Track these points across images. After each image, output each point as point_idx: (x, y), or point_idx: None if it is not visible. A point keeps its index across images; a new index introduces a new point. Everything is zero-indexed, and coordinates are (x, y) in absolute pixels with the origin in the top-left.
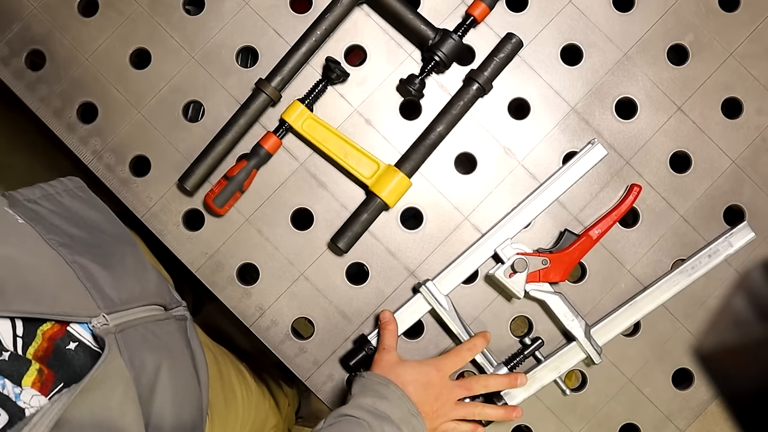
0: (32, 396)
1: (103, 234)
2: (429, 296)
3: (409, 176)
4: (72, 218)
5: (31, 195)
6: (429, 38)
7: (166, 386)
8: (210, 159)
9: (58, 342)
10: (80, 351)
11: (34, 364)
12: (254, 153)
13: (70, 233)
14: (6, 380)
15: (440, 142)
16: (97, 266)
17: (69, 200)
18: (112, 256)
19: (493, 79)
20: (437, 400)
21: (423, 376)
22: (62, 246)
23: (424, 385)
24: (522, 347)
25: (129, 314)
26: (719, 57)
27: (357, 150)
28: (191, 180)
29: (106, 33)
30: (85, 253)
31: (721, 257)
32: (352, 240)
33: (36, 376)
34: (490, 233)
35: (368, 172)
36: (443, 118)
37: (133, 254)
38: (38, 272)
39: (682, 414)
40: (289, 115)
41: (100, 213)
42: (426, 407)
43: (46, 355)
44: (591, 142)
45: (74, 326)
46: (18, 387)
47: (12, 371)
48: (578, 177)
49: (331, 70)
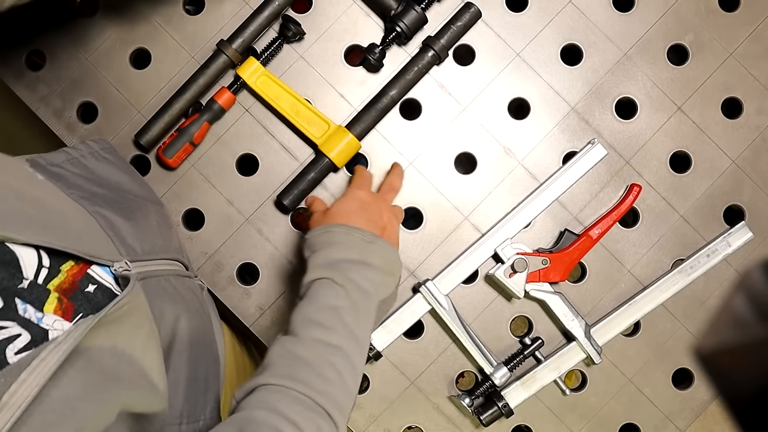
0: (54, 320)
1: (127, 194)
2: (429, 296)
3: (359, 138)
4: (96, 180)
5: (54, 159)
6: (392, 8)
7: (184, 340)
8: (167, 116)
9: (78, 282)
10: (99, 293)
11: (53, 294)
12: (207, 107)
13: (92, 191)
14: (28, 305)
15: (393, 107)
16: (120, 218)
17: (94, 162)
18: (137, 211)
19: (450, 47)
20: (381, 215)
21: (354, 202)
22: (84, 199)
23: (362, 208)
24: (522, 347)
25: (151, 264)
26: (719, 57)
27: (309, 109)
28: (146, 136)
29: (106, 33)
30: (108, 207)
31: (720, 257)
32: (298, 198)
33: (56, 304)
34: (490, 233)
35: (318, 132)
36: (397, 82)
37: (158, 212)
38: (62, 215)
39: (682, 414)
40: (243, 71)
41: (127, 174)
42: (376, 226)
43: (68, 290)
44: (591, 141)
45: (96, 269)
46: (40, 312)
47: (33, 298)
48: (578, 177)
49: (287, 28)
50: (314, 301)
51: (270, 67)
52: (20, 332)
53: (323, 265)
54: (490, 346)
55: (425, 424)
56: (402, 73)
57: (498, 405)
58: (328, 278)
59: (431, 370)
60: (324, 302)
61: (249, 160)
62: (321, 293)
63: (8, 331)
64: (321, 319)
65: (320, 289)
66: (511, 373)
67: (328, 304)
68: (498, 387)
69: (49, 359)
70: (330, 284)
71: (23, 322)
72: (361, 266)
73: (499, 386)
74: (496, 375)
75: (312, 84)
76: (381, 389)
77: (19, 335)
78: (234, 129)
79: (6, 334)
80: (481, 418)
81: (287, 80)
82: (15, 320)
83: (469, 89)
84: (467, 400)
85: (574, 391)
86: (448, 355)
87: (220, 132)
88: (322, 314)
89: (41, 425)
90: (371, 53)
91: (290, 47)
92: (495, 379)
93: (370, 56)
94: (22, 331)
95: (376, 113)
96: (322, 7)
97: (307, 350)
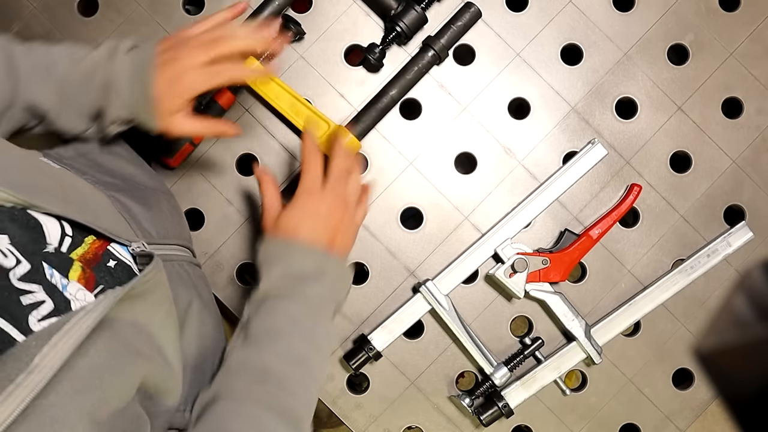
0: (78, 290)
1: (139, 184)
2: (429, 296)
3: (359, 138)
4: (107, 171)
5: (65, 153)
6: (392, 8)
7: (194, 324)
8: None
9: (101, 255)
10: (119, 269)
11: (77, 263)
12: (207, 107)
13: (104, 180)
14: (54, 270)
15: (393, 106)
16: (135, 203)
17: (107, 158)
18: (149, 198)
19: (450, 47)
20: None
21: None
22: (99, 183)
23: (313, 217)
24: (522, 347)
25: (165, 249)
26: (719, 57)
27: (308, 109)
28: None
29: (106, 33)
30: (121, 193)
31: (720, 257)
32: None
33: (80, 272)
34: (490, 233)
35: (318, 132)
36: (397, 82)
37: (169, 202)
38: (82, 193)
39: (683, 414)
40: None
41: (136, 167)
42: (327, 232)
43: (91, 262)
44: (591, 141)
45: (115, 247)
46: (65, 279)
47: (58, 264)
48: (578, 177)
49: (288, 28)
50: (273, 312)
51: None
52: (44, 299)
53: (279, 281)
54: (490, 346)
55: (425, 424)
56: (402, 73)
57: (498, 405)
58: (284, 295)
59: (431, 370)
60: (282, 315)
61: (249, 160)
62: (279, 306)
63: (34, 296)
64: (281, 329)
65: (279, 307)
66: (511, 374)
67: (289, 316)
68: (498, 387)
69: (80, 325)
70: (285, 301)
71: (49, 287)
72: (313, 282)
73: (500, 386)
74: (496, 375)
75: (312, 84)
76: (381, 389)
77: (44, 302)
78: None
79: (32, 299)
80: (481, 418)
81: (287, 80)
82: (41, 284)
83: (469, 89)
84: (467, 400)
85: (575, 391)
86: (448, 355)
87: None
88: (282, 326)
89: (69, 392)
90: (371, 53)
91: (290, 47)
92: (495, 379)
93: (370, 56)
94: (47, 298)
95: (376, 113)
96: (322, 7)
97: (269, 362)
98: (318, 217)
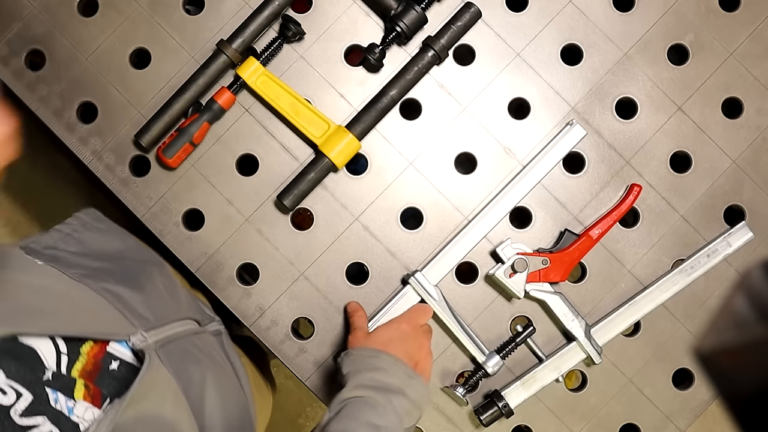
0: (86, 409)
1: (127, 260)
2: (418, 287)
3: (359, 138)
4: (93, 254)
5: (47, 241)
6: (392, 8)
7: (213, 395)
8: (167, 116)
9: (100, 362)
10: (122, 369)
11: (79, 381)
12: (207, 107)
13: (92, 266)
14: (59, 393)
15: (393, 106)
16: (126, 289)
17: (87, 235)
18: (141, 277)
19: (450, 47)
20: (420, 350)
21: (397, 332)
22: (86, 277)
23: (403, 340)
24: (514, 335)
25: (167, 329)
26: (719, 57)
27: (309, 109)
28: (146, 136)
29: (106, 33)
30: (112, 280)
31: (720, 257)
32: (298, 198)
33: (85, 391)
34: (476, 219)
35: (318, 132)
36: (397, 82)
37: (162, 274)
38: (70, 299)
39: (682, 414)
40: (243, 71)
41: (122, 241)
42: (412, 359)
43: (93, 373)
44: (569, 122)
45: (114, 345)
46: (71, 400)
47: (61, 386)
48: (559, 158)
49: (287, 28)
50: (355, 417)
51: (270, 67)
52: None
53: (368, 386)
54: (490, 346)
55: (425, 424)
56: (402, 73)
57: (498, 405)
58: (371, 398)
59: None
60: (365, 419)
61: (249, 160)
62: (363, 411)
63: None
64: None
65: (362, 407)
66: (503, 362)
67: (369, 422)
68: (490, 375)
69: None
70: (373, 404)
71: (54, 415)
72: (399, 395)
73: (492, 374)
74: (489, 363)
75: (312, 84)
76: None
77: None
78: (234, 129)
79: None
80: (481, 418)
81: (287, 80)
82: (46, 414)
83: (469, 89)
84: (460, 389)
85: (575, 391)
86: (448, 354)
87: (220, 132)
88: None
89: None
90: (371, 53)
91: (290, 47)
92: (488, 368)
93: (370, 56)
94: (53, 428)
95: (376, 113)
96: (322, 7)
97: None
98: (407, 340)
